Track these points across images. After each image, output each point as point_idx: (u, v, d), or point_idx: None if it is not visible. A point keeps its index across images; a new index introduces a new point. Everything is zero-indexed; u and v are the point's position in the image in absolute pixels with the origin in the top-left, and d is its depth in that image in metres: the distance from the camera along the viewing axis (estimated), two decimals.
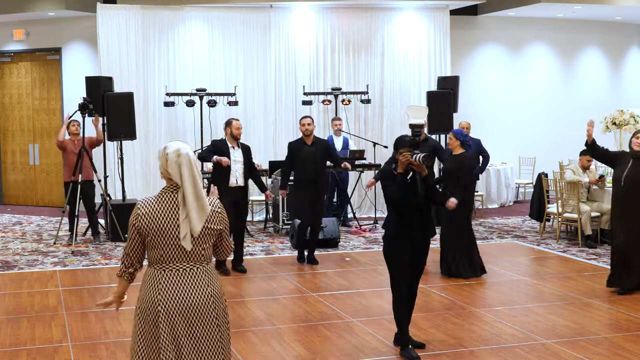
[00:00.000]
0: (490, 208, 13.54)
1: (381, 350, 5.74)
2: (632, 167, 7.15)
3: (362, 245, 10.07)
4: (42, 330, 6.30)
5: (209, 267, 3.70)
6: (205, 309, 3.64)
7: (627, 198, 7.15)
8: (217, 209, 3.70)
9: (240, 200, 8.31)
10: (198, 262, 3.65)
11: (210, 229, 3.65)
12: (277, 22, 12.68)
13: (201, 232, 3.61)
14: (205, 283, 3.65)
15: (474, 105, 13.86)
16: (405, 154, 5.36)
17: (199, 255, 3.64)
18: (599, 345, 5.79)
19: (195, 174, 3.59)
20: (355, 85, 12.86)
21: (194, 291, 3.62)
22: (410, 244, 5.50)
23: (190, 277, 3.63)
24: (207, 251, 3.68)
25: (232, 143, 8.32)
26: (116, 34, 12.21)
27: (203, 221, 3.59)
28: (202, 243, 3.64)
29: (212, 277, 3.71)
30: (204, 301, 3.64)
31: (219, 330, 3.70)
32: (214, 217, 3.67)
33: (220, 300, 3.72)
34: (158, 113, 12.38)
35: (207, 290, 3.65)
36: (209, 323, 3.66)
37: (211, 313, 3.66)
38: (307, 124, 8.74)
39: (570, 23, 14.77)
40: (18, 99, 14.20)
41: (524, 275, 8.28)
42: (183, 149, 3.61)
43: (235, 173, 8.23)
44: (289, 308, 7.03)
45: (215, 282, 3.71)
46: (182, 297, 3.60)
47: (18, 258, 9.32)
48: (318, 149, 8.75)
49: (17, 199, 14.40)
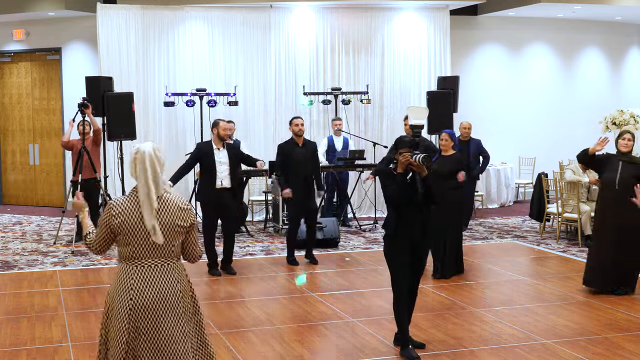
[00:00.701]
0: (490, 208, 13.54)
1: (381, 350, 5.74)
2: (624, 170, 7.12)
3: (362, 245, 10.07)
4: (42, 330, 6.30)
5: (178, 263, 3.86)
6: (174, 304, 3.78)
7: (623, 201, 7.04)
8: (185, 206, 3.83)
9: (227, 202, 8.25)
10: (168, 257, 3.80)
11: (177, 225, 3.77)
12: (277, 22, 12.68)
13: (169, 229, 3.74)
14: (175, 279, 3.81)
15: (474, 105, 13.86)
16: (405, 155, 5.37)
17: (169, 251, 3.79)
18: (599, 345, 5.80)
19: (148, 172, 3.73)
20: (355, 85, 12.86)
21: (164, 286, 3.77)
22: (410, 244, 5.50)
23: (161, 273, 3.78)
24: (176, 248, 3.83)
25: (217, 144, 8.25)
26: (116, 34, 12.21)
27: (152, 218, 3.69)
28: (171, 239, 3.77)
29: (182, 273, 3.87)
30: (173, 296, 3.78)
31: (183, 325, 3.82)
32: (180, 214, 3.79)
33: (187, 296, 3.87)
34: (158, 113, 12.37)
35: (177, 286, 3.81)
36: (174, 318, 3.79)
37: (178, 308, 3.80)
38: (300, 124, 8.75)
39: (570, 23, 14.77)
40: (18, 99, 14.20)
41: (524, 275, 8.28)
42: (142, 147, 3.78)
43: (220, 175, 8.16)
44: (289, 308, 7.03)
45: (184, 279, 3.88)
46: (153, 292, 3.74)
47: (18, 258, 9.32)
48: (309, 150, 8.78)
49: (17, 199, 14.40)
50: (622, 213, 7.08)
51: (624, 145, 7.18)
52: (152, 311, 3.74)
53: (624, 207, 7.01)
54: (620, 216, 7.13)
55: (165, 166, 3.92)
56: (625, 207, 7.01)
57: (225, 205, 8.21)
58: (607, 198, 7.27)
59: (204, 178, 8.27)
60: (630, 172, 7.09)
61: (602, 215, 7.36)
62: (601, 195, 7.40)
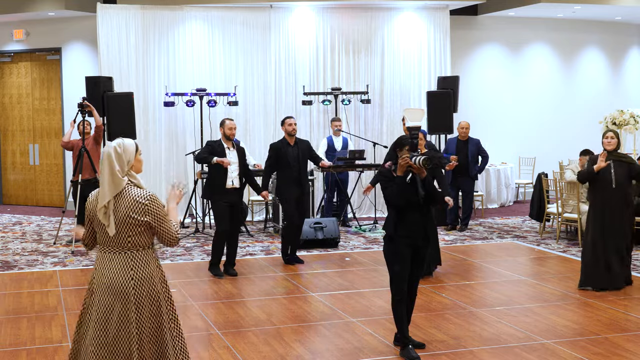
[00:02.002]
0: (490, 208, 13.54)
1: (381, 350, 5.74)
2: (617, 168, 7.35)
3: (362, 245, 10.07)
4: (42, 330, 6.30)
5: (137, 254, 4.02)
6: (124, 293, 3.96)
7: (618, 198, 7.36)
8: (143, 201, 3.97)
9: (237, 202, 8.28)
10: (122, 248, 4.00)
11: (133, 218, 3.95)
12: (277, 22, 12.68)
13: (124, 221, 3.95)
14: (130, 269, 3.99)
15: (474, 105, 13.87)
16: (404, 157, 5.39)
17: (124, 242, 3.99)
18: (599, 345, 5.79)
19: (106, 167, 3.94)
20: (355, 85, 12.86)
21: (115, 275, 3.98)
22: (410, 245, 5.50)
23: (114, 262, 4.00)
24: (134, 239, 3.99)
25: (227, 144, 8.29)
26: (116, 34, 12.21)
27: (101, 211, 3.95)
28: (127, 230, 3.97)
29: (139, 263, 4.02)
30: (124, 285, 3.96)
31: (138, 314, 3.98)
32: (137, 208, 3.96)
33: (145, 286, 4.01)
34: (158, 113, 12.38)
35: (129, 275, 3.98)
36: (126, 306, 3.96)
37: (131, 297, 3.97)
38: (294, 123, 8.77)
39: (570, 23, 14.77)
40: (18, 99, 14.21)
41: (524, 275, 8.28)
42: (111, 144, 3.99)
43: (231, 175, 8.19)
44: (289, 308, 7.03)
45: (142, 269, 4.01)
46: (105, 278, 4.00)
47: (18, 258, 9.32)
48: (301, 150, 8.78)
49: (17, 199, 14.40)
50: (617, 209, 7.36)
51: (607, 143, 7.44)
52: (102, 296, 3.99)
53: (619, 203, 7.35)
54: (615, 215, 7.37)
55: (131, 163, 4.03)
56: (619, 204, 7.34)
57: (235, 205, 8.23)
58: (603, 198, 7.42)
59: (215, 177, 8.23)
60: (623, 170, 7.36)
61: (600, 215, 7.44)
62: (596, 195, 7.51)
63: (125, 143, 4.01)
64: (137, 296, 3.98)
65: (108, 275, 3.99)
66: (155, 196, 4.04)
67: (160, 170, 12.47)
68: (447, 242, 10.22)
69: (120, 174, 3.95)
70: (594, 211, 7.51)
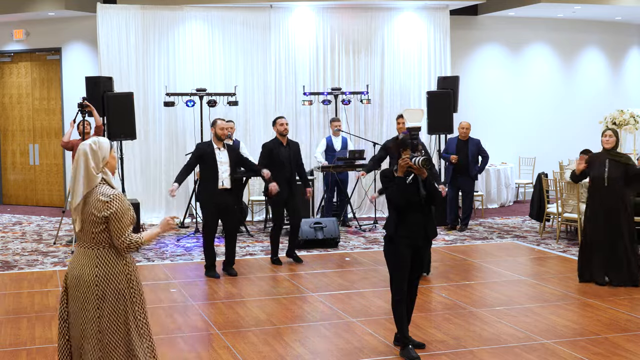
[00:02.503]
0: (490, 208, 13.54)
1: (381, 350, 5.74)
2: (611, 167, 7.51)
3: (362, 245, 10.07)
4: (42, 330, 6.30)
5: (103, 251, 4.09)
6: (87, 287, 4.06)
7: (611, 197, 7.51)
8: (102, 198, 4.05)
9: (228, 203, 8.22)
10: (87, 244, 4.11)
11: (93, 214, 4.04)
12: (277, 22, 12.68)
13: (88, 218, 4.05)
14: (92, 264, 4.08)
15: (474, 105, 13.87)
16: (404, 158, 5.40)
17: (88, 238, 4.10)
18: (599, 345, 5.79)
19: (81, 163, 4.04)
20: (355, 85, 12.86)
21: (78, 269, 4.10)
22: (410, 244, 5.51)
23: (79, 256, 4.14)
24: (98, 236, 4.08)
25: (217, 144, 8.23)
26: (116, 34, 12.21)
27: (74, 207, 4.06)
28: (89, 227, 4.07)
29: (103, 260, 4.09)
30: (86, 279, 4.07)
31: (99, 311, 4.06)
32: (96, 205, 4.04)
33: (108, 283, 4.07)
34: (158, 113, 12.37)
35: (93, 271, 4.07)
36: (88, 302, 4.06)
37: (93, 293, 4.05)
38: (286, 123, 8.79)
39: (570, 23, 14.77)
40: (18, 99, 14.21)
41: (524, 275, 8.28)
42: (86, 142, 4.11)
43: (222, 175, 8.14)
44: (289, 308, 7.03)
45: (105, 266, 4.08)
46: (72, 272, 4.14)
47: (18, 258, 9.32)
48: (292, 150, 8.78)
49: (17, 199, 14.40)
50: (612, 208, 7.49)
51: (606, 142, 7.61)
52: (70, 289, 4.15)
53: (614, 202, 7.48)
54: (609, 211, 7.51)
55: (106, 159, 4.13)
56: (614, 203, 7.47)
57: (227, 205, 8.21)
58: (596, 195, 7.61)
59: (205, 179, 8.24)
60: (618, 169, 7.48)
61: (592, 211, 7.65)
62: (591, 192, 7.73)
63: (101, 140, 4.14)
64: (99, 293, 4.06)
65: (75, 269, 4.12)
66: (119, 195, 4.08)
67: (160, 170, 12.46)
68: (447, 242, 10.22)
69: (95, 170, 4.06)
70: (589, 211, 7.71)
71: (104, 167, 4.11)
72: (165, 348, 5.78)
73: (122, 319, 4.11)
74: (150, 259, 9.28)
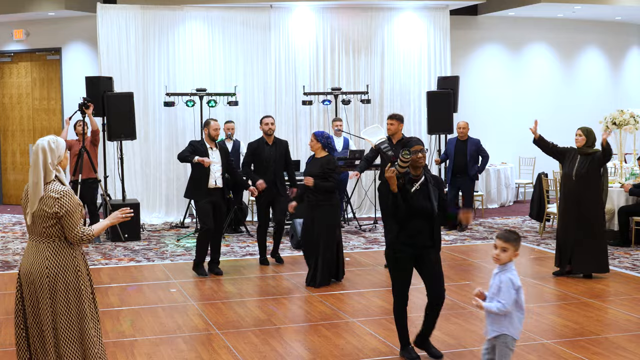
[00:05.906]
0: (490, 208, 13.54)
1: (381, 350, 5.74)
2: (581, 163, 7.74)
3: (362, 245, 10.07)
4: None
5: (52, 244, 4.29)
6: (39, 280, 4.27)
7: (579, 193, 7.74)
8: (53, 194, 4.24)
9: (220, 201, 8.26)
10: (40, 237, 4.30)
11: (43, 210, 4.23)
12: (277, 22, 12.68)
13: (38, 213, 4.23)
14: (44, 257, 4.28)
15: (474, 105, 13.87)
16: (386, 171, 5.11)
17: (40, 232, 4.28)
18: (599, 345, 5.80)
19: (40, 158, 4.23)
20: (355, 85, 12.86)
21: (31, 262, 4.31)
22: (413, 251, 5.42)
23: (31, 249, 4.33)
24: (48, 230, 4.27)
25: (209, 144, 8.29)
26: (116, 34, 12.21)
27: (36, 203, 4.23)
28: (40, 222, 4.25)
29: (52, 253, 4.28)
30: (38, 272, 4.28)
31: (53, 304, 4.28)
32: (47, 201, 4.24)
33: (61, 277, 4.28)
34: (158, 113, 12.37)
35: (44, 264, 4.27)
36: (42, 294, 4.28)
37: (45, 286, 4.27)
38: (271, 123, 8.78)
39: (570, 23, 14.77)
40: (18, 99, 14.21)
41: (524, 275, 8.27)
42: (44, 139, 4.34)
43: (215, 174, 8.20)
44: (289, 308, 7.03)
45: (54, 258, 4.28)
46: (23, 264, 4.36)
47: (18, 258, 9.32)
48: (278, 150, 8.74)
49: (17, 199, 14.40)
50: (580, 203, 7.74)
51: (576, 140, 7.82)
52: (24, 284, 4.37)
53: (582, 197, 7.73)
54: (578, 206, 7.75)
55: (61, 157, 4.38)
56: (582, 198, 7.72)
57: (218, 204, 8.23)
58: (566, 189, 7.87)
59: (197, 177, 8.25)
60: (586, 164, 7.70)
61: (563, 206, 7.93)
62: (561, 187, 8.05)
63: (59, 139, 4.41)
64: (50, 285, 4.27)
65: (26, 264, 4.34)
66: (69, 192, 4.32)
67: (160, 170, 12.46)
68: (447, 242, 10.22)
69: (51, 166, 4.29)
70: (561, 203, 8.01)
71: (58, 165, 4.36)
72: (165, 348, 5.79)
73: (75, 309, 4.32)
74: (150, 259, 9.28)
